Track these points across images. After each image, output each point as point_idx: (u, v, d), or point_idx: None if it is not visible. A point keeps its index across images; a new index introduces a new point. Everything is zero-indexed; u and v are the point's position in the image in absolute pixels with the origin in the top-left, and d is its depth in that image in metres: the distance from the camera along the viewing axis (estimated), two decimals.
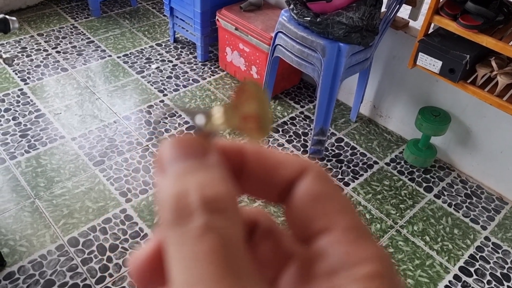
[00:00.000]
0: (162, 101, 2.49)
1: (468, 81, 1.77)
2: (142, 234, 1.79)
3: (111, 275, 1.65)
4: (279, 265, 0.20)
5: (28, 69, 2.63)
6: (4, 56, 1.16)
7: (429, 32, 1.82)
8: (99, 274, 1.65)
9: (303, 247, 0.19)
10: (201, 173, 0.17)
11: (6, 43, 2.84)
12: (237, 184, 0.18)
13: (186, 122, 2.35)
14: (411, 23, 2.13)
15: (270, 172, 0.20)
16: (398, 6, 1.96)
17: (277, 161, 0.20)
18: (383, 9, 2.03)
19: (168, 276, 0.16)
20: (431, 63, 1.79)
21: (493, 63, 1.72)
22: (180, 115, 2.39)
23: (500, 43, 1.58)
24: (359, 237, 0.18)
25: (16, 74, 2.59)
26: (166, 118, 2.37)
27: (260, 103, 0.20)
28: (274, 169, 0.20)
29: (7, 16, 1.10)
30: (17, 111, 2.34)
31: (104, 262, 1.68)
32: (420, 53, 1.81)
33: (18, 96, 2.44)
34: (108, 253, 1.71)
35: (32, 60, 2.71)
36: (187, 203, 0.16)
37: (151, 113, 2.39)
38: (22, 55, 2.74)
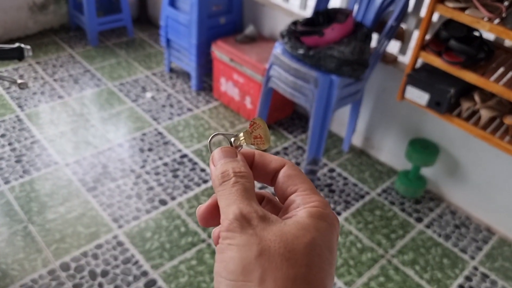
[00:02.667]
0: (156, 129, 2.53)
1: (454, 113, 1.84)
2: (133, 259, 1.80)
3: None
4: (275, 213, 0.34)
5: (25, 96, 2.67)
6: (19, 81, 1.19)
7: (416, 67, 1.90)
8: None
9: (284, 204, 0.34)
10: (233, 163, 0.33)
11: (5, 70, 2.89)
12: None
13: (179, 150, 2.39)
14: (400, 57, 2.21)
15: (266, 166, 0.35)
16: (386, 41, 2.05)
17: (269, 160, 0.35)
18: (374, 44, 2.12)
19: (219, 216, 0.31)
20: (418, 96, 1.86)
21: (476, 97, 1.79)
22: (174, 144, 2.43)
23: (481, 79, 1.66)
24: (312, 193, 0.32)
25: (14, 100, 2.63)
26: (160, 146, 2.41)
27: (263, 129, 0.36)
28: (268, 164, 0.35)
29: (22, 45, 1.16)
30: (13, 136, 2.37)
31: (96, 287, 1.68)
32: (407, 87, 1.88)
33: (15, 122, 2.47)
34: (99, 279, 1.71)
35: (29, 87, 2.75)
36: (228, 174, 0.32)
37: (144, 141, 2.43)
38: None
